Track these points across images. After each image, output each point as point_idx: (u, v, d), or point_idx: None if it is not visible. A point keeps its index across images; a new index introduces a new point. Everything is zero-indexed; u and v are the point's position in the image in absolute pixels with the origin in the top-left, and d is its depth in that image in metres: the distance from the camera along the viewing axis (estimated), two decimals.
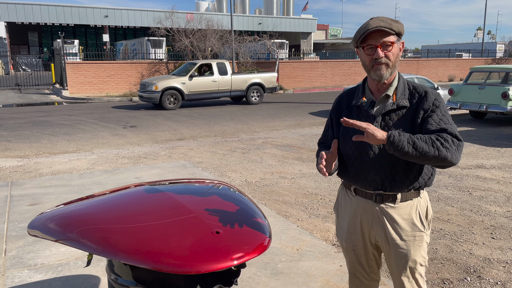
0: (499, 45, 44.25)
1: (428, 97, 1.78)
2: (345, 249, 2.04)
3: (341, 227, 2.03)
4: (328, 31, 63.86)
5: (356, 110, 1.89)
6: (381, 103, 1.84)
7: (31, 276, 3.09)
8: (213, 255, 1.48)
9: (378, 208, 1.86)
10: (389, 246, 1.86)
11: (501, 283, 3.06)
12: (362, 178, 1.86)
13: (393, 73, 1.80)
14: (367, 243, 1.95)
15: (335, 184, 5.49)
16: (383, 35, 1.73)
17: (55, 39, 33.46)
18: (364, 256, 1.99)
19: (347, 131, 1.88)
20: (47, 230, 1.67)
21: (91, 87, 19.22)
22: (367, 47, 1.76)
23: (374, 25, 1.71)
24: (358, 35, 1.76)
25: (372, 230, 1.90)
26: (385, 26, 1.71)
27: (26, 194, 4.99)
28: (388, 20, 1.75)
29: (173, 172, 6.00)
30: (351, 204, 1.96)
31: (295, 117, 12.15)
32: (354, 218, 1.94)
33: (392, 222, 1.84)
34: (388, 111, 1.80)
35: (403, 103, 1.79)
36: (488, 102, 10.17)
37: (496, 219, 4.28)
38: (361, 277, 2.06)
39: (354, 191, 1.94)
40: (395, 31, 1.74)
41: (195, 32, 20.87)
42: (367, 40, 1.75)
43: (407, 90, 1.83)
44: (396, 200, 1.83)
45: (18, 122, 11.13)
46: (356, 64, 25.59)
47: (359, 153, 1.85)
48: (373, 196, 1.86)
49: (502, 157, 6.93)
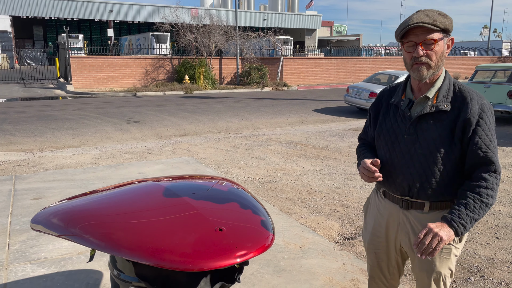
0: (505, 43, 43.94)
1: (473, 106, 1.63)
2: (367, 251, 1.98)
3: (366, 228, 1.98)
4: (333, 28, 63.61)
5: (393, 109, 1.80)
6: (420, 104, 1.71)
7: (34, 270, 3.09)
8: (216, 252, 1.47)
9: (404, 214, 1.79)
10: (414, 254, 1.79)
11: (505, 283, 3.04)
12: (390, 182, 1.79)
13: (435, 73, 1.66)
14: (390, 248, 1.88)
15: (339, 182, 5.47)
16: (426, 32, 1.58)
17: (60, 33, 33.55)
18: (385, 261, 1.92)
19: (381, 129, 1.81)
20: (50, 225, 1.67)
21: (95, 82, 19.25)
22: (407, 44, 1.63)
23: (415, 21, 1.57)
24: (399, 29, 1.63)
25: (398, 235, 1.84)
26: (428, 22, 1.56)
27: (29, 188, 5.00)
28: (433, 15, 1.59)
29: (177, 168, 6.00)
30: (379, 206, 1.90)
31: (299, 114, 12.12)
32: (379, 221, 1.89)
33: (418, 231, 1.76)
34: (425, 114, 1.68)
35: (443, 107, 1.65)
36: (494, 101, 10.11)
37: (501, 219, 4.26)
38: (379, 282, 1.98)
39: (383, 193, 1.88)
40: (440, 28, 1.58)
41: (200, 28, 20.82)
42: (408, 35, 1.61)
43: (451, 92, 1.69)
44: (423, 208, 1.74)
45: (23, 116, 11.16)
46: (360, 61, 25.50)
47: (390, 155, 1.78)
48: (400, 201, 1.79)
49: (507, 157, 6.89)
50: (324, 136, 8.72)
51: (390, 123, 1.79)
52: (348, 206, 4.60)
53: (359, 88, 12.19)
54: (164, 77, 20.66)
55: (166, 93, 18.03)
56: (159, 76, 20.54)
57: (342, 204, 4.68)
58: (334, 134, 8.96)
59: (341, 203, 4.71)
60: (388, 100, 1.85)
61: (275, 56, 23.70)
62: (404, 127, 1.73)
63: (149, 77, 20.31)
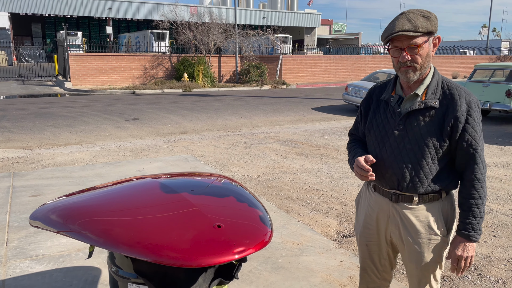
0: (504, 42, 43.99)
1: (462, 103, 1.68)
2: (358, 243, 2.02)
3: (358, 220, 2.02)
4: (332, 27, 63.59)
5: (384, 105, 1.84)
6: (409, 101, 1.76)
7: (33, 267, 3.10)
8: (214, 249, 1.47)
9: (393, 208, 1.83)
10: (403, 246, 1.84)
11: (502, 281, 3.06)
12: (380, 176, 1.82)
13: (423, 73, 1.71)
14: (381, 240, 1.93)
15: (337, 180, 5.48)
16: (409, 38, 1.62)
17: (59, 30, 33.49)
18: (377, 253, 1.96)
19: (371, 125, 1.85)
20: (49, 222, 1.67)
21: (94, 79, 19.21)
22: (393, 49, 1.68)
23: (397, 29, 1.61)
24: (384, 35, 1.68)
25: (388, 227, 1.88)
26: (410, 29, 1.60)
27: (28, 185, 5.00)
28: (416, 19, 1.62)
29: (175, 165, 6.01)
30: (370, 199, 1.93)
31: (298, 112, 12.13)
32: (370, 214, 1.92)
33: (407, 223, 1.81)
34: (414, 110, 1.73)
35: (432, 104, 1.70)
36: (492, 100, 10.13)
37: (498, 217, 4.27)
38: (371, 274, 2.02)
39: (373, 187, 1.91)
40: (423, 32, 1.61)
41: (199, 26, 20.78)
42: (393, 41, 1.66)
43: (439, 89, 1.73)
44: (412, 201, 1.79)
45: (21, 113, 11.15)
46: (359, 60, 25.50)
47: (379, 150, 1.82)
48: (389, 194, 1.83)
49: (505, 155, 6.91)
50: (322, 134, 8.73)
51: (380, 119, 1.84)
52: (346, 204, 4.62)
53: (358, 86, 12.21)
54: (163, 75, 20.63)
55: (165, 91, 18.01)
56: (158, 74, 20.52)
57: (340, 202, 4.69)
58: (333, 132, 8.97)
59: (339, 201, 4.73)
60: (378, 96, 1.89)
61: (274, 54, 23.69)
62: (394, 122, 1.78)
63: (148, 74, 20.28)
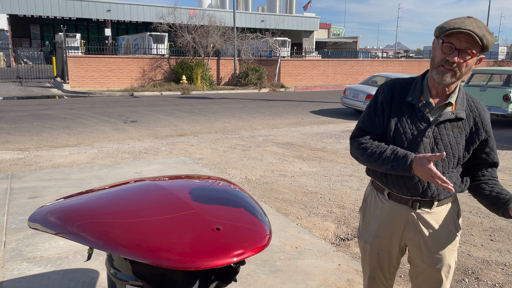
0: (502, 47, 44.13)
1: (486, 116, 1.75)
2: (368, 253, 1.94)
3: (367, 230, 1.94)
4: (330, 30, 63.78)
5: (409, 108, 1.75)
6: (439, 109, 1.72)
7: (30, 269, 3.09)
8: (213, 252, 1.48)
9: (413, 214, 1.79)
10: (421, 251, 1.81)
11: (499, 285, 3.07)
12: (401, 184, 1.75)
13: (456, 82, 1.68)
14: (393, 247, 1.88)
15: (335, 183, 5.49)
16: (469, 42, 1.56)
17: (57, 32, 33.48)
18: (387, 261, 1.92)
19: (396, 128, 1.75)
20: (48, 223, 1.67)
21: (92, 81, 19.20)
22: (446, 44, 1.59)
23: (469, 27, 1.54)
24: (447, 27, 1.58)
25: (404, 234, 1.84)
26: (478, 34, 1.54)
27: (26, 187, 4.99)
28: (483, 29, 1.56)
29: (174, 168, 6.00)
30: (383, 208, 1.86)
31: (296, 115, 12.14)
32: (385, 223, 1.86)
33: (428, 228, 1.79)
34: (445, 120, 1.69)
35: (461, 115, 1.70)
36: (490, 104, 10.17)
37: (495, 221, 4.29)
38: (379, 282, 1.98)
39: (387, 195, 1.84)
40: (483, 44, 1.57)
41: (198, 28, 20.82)
42: (452, 37, 1.58)
43: (465, 101, 1.74)
44: (432, 206, 1.77)
45: (19, 115, 11.13)
46: (358, 63, 25.57)
47: None
48: (409, 201, 1.77)
49: (502, 160, 6.93)
50: (321, 137, 8.75)
51: (406, 123, 1.74)
52: (344, 208, 4.62)
53: (356, 90, 12.23)
54: (162, 77, 20.64)
55: (163, 93, 18.01)
56: (157, 76, 20.52)
57: (338, 205, 4.70)
58: (331, 135, 8.99)
59: (337, 204, 4.73)
60: (401, 96, 1.77)
61: (272, 57, 23.73)
62: (422, 129, 1.72)
63: (146, 77, 20.28)
